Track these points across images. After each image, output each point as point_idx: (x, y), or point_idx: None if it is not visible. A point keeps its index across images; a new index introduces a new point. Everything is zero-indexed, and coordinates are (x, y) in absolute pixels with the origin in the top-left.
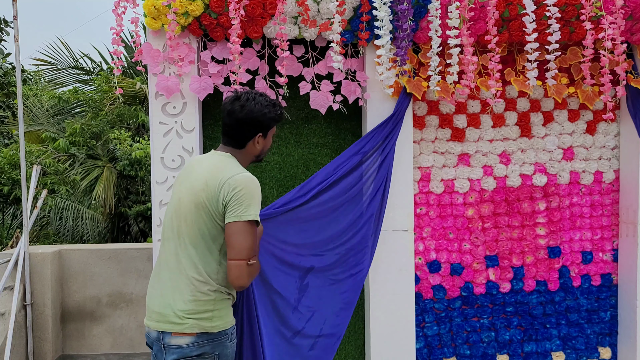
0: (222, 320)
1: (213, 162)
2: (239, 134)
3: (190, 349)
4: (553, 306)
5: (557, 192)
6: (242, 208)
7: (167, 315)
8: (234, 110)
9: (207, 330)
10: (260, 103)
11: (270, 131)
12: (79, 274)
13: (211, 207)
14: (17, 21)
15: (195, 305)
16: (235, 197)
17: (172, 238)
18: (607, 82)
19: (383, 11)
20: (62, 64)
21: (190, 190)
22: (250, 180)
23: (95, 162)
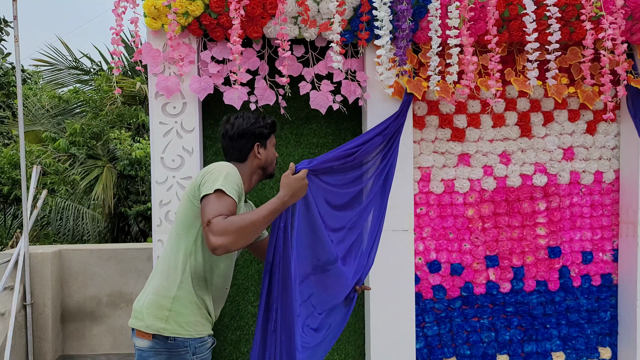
0: (179, 325)
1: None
2: (237, 150)
3: (148, 354)
4: (553, 306)
5: (557, 192)
6: (210, 182)
7: (135, 309)
8: (226, 131)
9: (160, 332)
10: (248, 117)
11: (269, 141)
12: (79, 274)
13: (190, 194)
14: (17, 21)
15: (155, 299)
16: (207, 176)
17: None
18: (607, 82)
19: (383, 11)
20: (62, 64)
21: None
22: (224, 164)
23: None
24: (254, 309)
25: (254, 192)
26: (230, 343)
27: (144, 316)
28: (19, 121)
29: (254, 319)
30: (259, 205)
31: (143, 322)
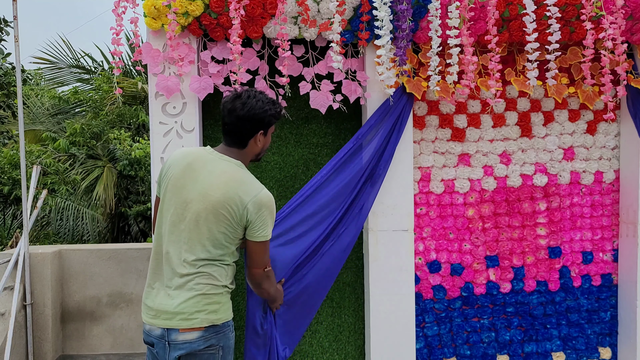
0: (225, 313)
1: (228, 172)
2: (240, 132)
3: (198, 343)
4: (553, 306)
5: (558, 192)
6: (266, 229)
7: (176, 313)
8: (235, 108)
9: (214, 322)
10: (261, 100)
11: (270, 129)
12: (79, 274)
13: (233, 219)
14: (17, 21)
15: (204, 303)
16: (259, 219)
17: (177, 239)
18: (608, 82)
19: (383, 11)
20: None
21: (204, 198)
22: (271, 200)
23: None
24: None
25: None
26: None
27: (194, 315)
28: (19, 121)
29: None
30: None
31: (194, 320)
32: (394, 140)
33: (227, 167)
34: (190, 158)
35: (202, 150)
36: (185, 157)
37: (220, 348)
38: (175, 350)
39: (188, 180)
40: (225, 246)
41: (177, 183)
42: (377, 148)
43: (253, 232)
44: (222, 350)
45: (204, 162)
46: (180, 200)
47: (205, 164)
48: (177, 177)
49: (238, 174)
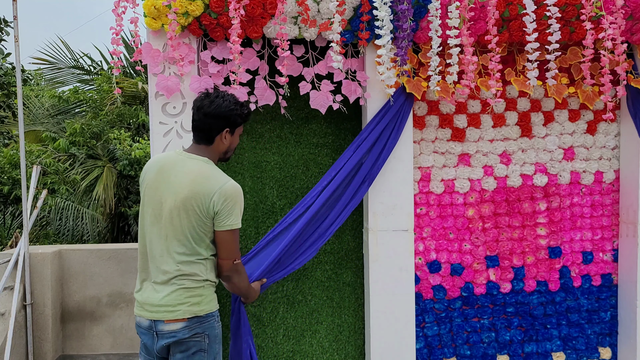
0: (208, 305)
1: (195, 169)
2: (208, 129)
3: (183, 332)
4: (553, 306)
5: (558, 192)
6: (232, 218)
7: (160, 306)
8: (203, 105)
9: (197, 314)
10: (228, 100)
11: (238, 130)
12: (79, 274)
13: (202, 213)
14: (17, 21)
15: (186, 296)
16: (225, 208)
17: (159, 240)
18: (607, 82)
19: (383, 11)
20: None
21: (175, 195)
22: (236, 190)
23: (95, 162)
24: (254, 309)
25: (254, 192)
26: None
27: (177, 308)
28: (19, 121)
29: (254, 318)
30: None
31: (177, 312)
32: (393, 140)
33: (194, 165)
34: (162, 162)
35: (172, 153)
36: (158, 162)
37: (206, 336)
38: (162, 339)
39: (161, 182)
40: (201, 239)
41: (152, 186)
42: (377, 148)
43: (220, 222)
44: (208, 339)
45: (174, 163)
46: (156, 201)
47: (174, 165)
48: (151, 181)
49: (204, 169)
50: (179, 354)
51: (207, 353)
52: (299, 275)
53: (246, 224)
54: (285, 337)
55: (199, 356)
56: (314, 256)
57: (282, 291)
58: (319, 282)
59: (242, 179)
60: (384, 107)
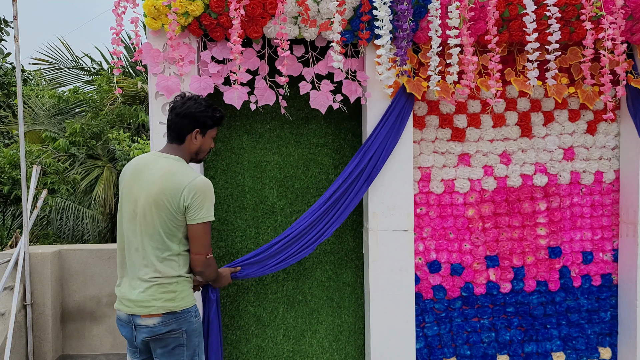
0: (183, 301)
1: (165, 166)
2: (179, 128)
3: (159, 328)
4: (553, 306)
5: (558, 192)
6: (203, 211)
7: (136, 301)
8: (176, 106)
9: (172, 309)
10: (200, 104)
11: (210, 132)
12: (79, 274)
13: (172, 208)
14: (17, 21)
15: (159, 292)
16: (196, 202)
17: (133, 235)
18: (607, 82)
19: (383, 11)
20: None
21: (147, 193)
22: (206, 184)
23: (95, 162)
24: (254, 309)
25: (254, 192)
26: (230, 343)
27: (151, 303)
28: (19, 121)
29: (254, 319)
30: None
31: (151, 307)
32: (393, 141)
33: (164, 163)
34: (136, 162)
35: (148, 154)
36: (133, 163)
37: (184, 332)
38: (140, 333)
39: (135, 181)
40: (173, 234)
41: (127, 185)
42: (379, 150)
43: (190, 215)
44: (185, 334)
45: (146, 163)
46: (131, 200)
47: (147, 164)
48: (127, 181)
49: (174, 166)
50: (160, 350)
51: (187, 347)
52: (299, 275)
53: (246, 224)
54: (285, 337)
55: (179, 351)
56: (315, 256)
57: (282, 291)
58: (319, 282)
59: (242, 179)
60: (387, 110)
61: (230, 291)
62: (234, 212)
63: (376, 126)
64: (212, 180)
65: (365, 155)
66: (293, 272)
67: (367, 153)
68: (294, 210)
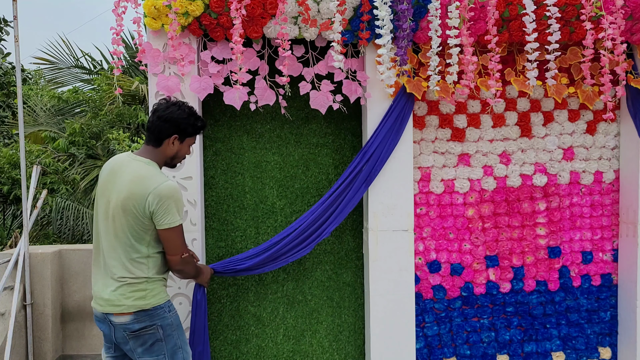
0: (154, 298)
1: (135, 170)
2: (158, 131)
3: (132, 325)
4: (553, 306)
5: (557, 192)
6: (169, 216)
7: (108, 300)
8: (159, 109)
9: (142, 307)
10: (184, 110)
11: (188, 140)
12: (79, 274)
13: (138, 213)
14: (17, 21)
15: (129, 291)
16: (161, 208)
17: (106, 237)
18: (607, 82)
19: (384, 11)
20: (63, 63)
21: (117, 195)
22: (171, 190)
23: (95, 162)
24: (254, 309)
25: (254, 192)
26: (230, 343)
27: (122, 302)
28: (19, 121)
29: (254, 319)
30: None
31: (122, 306)
32: (393, 141)
33: (136, 166)
34: (113, 163)
35: (124, 155)
36: (110, 163)
37: (159, 327)
38: (117, 331)
39: (109, 183)
40: (140, 237)
41: (102, 186)
42: (378, 150)
43: (158, 221)
44: (161, 329)
45: (121, 165)
46: (105, 201)
47: (121, 166)
48: (103, 181)
49: (143, 170)
50: (139, 348)
51: (165, 342)
52: (299, 275)
53: (246, 224)
54: (285, 337)
55: (158, 346)
56: (315, 256)
57: (282, 291)
58: (319, 282)
59: (242, 179)
60: (388, 111)
61: (230, 291)
62: (234, 212)
63: (377, 126)
64: (212, 180)
65: (365, 155)
66: (293, 272)
67: (366, 153)
68: (294, 210)
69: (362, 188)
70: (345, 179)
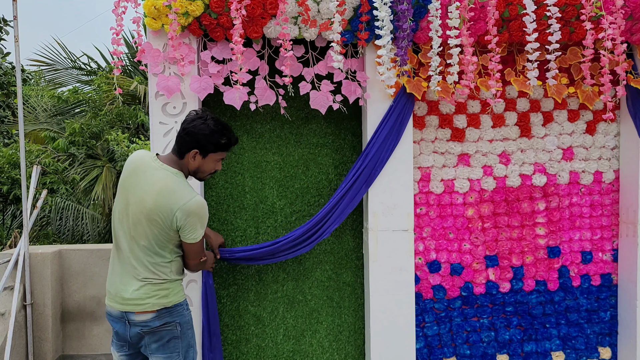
0: (175, 296)
1: (163, 181)
2: (180, 143)
3: (154, 322)
4: (552, 306)
5: (557, 192)
6: (195, 233)
7: (130, 299)
8: (186, 120)
9: (165, 305)
10: (207, 125)
11: (212, 155)
12: (79, 274)
13: (164, 224)
14: (17, 21)
15: (153, 290)
16: (188, 224)
17: (125, 238)
18: (607, 82)
19: (383, 11)
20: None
21: (140, 203)
22: (198, 207)
23: (94, 162)
24: (254, 309)
25: (254, 192)
26: (230, 343)
27: (145, 301)
28: (19, 121)
29: (254, 319)
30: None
31: (146, 305)
32: (394, 142)
33: (163, 176)
34: (138, 163)
35: (148, 157)
36: (135, 161)
37: (178, 324)
38: (134, 328)
39: (131, 184)
40: (164, 245)
41: (123, 185)
42: (379, 151)
43: (184, 235)
44: (179, 326)
45: (146, 168)
46: (125, 201)
47: (146, 170)
48: (123, 179)
49: (171, 182)
50: (154, 344)
51: (181, 339)
52: (299, 275)
53: (246, 224)
54: (285, 337)
55: (174, 343)
56: (315, 256)
57: (282, 291)
58: (319, 282)
59: (242, 179)
60: (388, 111)
61: (230, 291)
62: (234, 212)
63: (377, 127)
64: (212, 180)
65: (367, 157)
66: (293, 272)
67: (368, 155)
68: (294, 210)
69: (363, 189)
70: (348, 182)
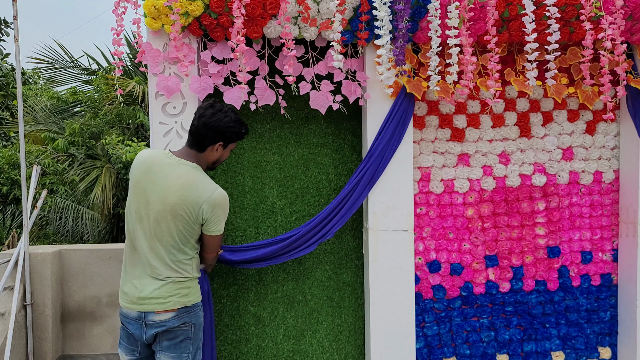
0: (195, 295)
1: (184, 174)
2: (203, 137)
3: (173, 322)
4: (552, 306)
5: (557, 192)
6: (219, 225)
7: (152, 298)
8: (206, 114)
9: (185, 304)
10: (229, 117)
11: (230, 145)
12: (79, 274)
13: (189, 219)
14: (17, 21)
15: (176, 288)
16: (214, 216)
17: (145, 237)
18: (607, 82)
19: (383, 11)
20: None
21: (162, 200)
22: (223, 199)
23: (94, 163)
24: (254, 309)
25: (254, 192)
26: (230, 343)
27: (168, 299)
28: (19, 121)
29: (254, 319)
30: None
31: (168, 303)
32: (395, 143)
33: (183, 171)
34: (150, 161)
35: (161, 154)
36: (146, 160)
37: (193, 325)
38: (151, 329)
39: (148, 182)
40: (187, 240)
41: (139, 184)
42: (381, 152)
43: (208, 228)
44: (194, 327)
45: (162, 165)
46: (143, 200)
47: (162, 167)
48: (138, 179)
49: (193, 176)
50: (166, 342)
51: (193, 341)
52: (299, 275)
53: (246, 224)
54: (285, 337)
55: (186, 344)
56: (315, 256)
57: (282, 291)
58: (319, 282)
59: (242, 179)
60: (390, 113)
61: (230, 291)
62: (234, 212)
63: (380, 128)
64: (212, 180)
65: (370, 158)
66: (293, 272)
67: (371, 157)
68: (294, 210)
69: (366, 190)
70: (352, 183)
